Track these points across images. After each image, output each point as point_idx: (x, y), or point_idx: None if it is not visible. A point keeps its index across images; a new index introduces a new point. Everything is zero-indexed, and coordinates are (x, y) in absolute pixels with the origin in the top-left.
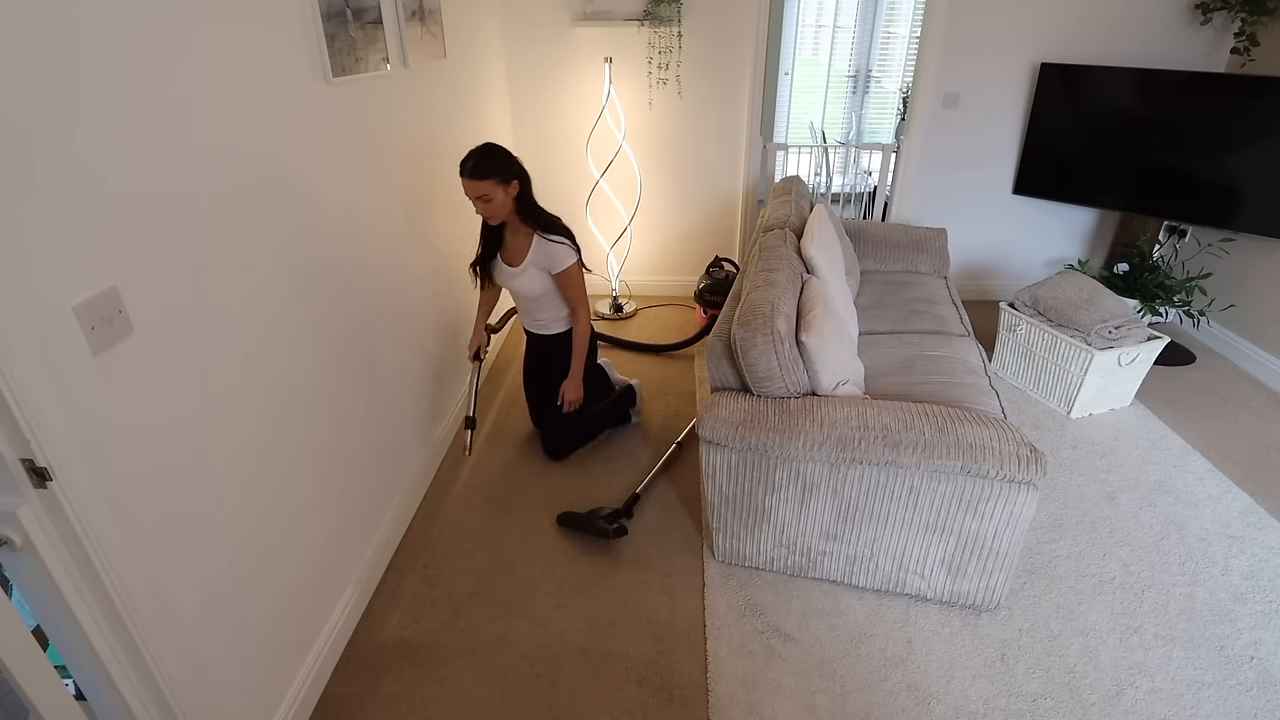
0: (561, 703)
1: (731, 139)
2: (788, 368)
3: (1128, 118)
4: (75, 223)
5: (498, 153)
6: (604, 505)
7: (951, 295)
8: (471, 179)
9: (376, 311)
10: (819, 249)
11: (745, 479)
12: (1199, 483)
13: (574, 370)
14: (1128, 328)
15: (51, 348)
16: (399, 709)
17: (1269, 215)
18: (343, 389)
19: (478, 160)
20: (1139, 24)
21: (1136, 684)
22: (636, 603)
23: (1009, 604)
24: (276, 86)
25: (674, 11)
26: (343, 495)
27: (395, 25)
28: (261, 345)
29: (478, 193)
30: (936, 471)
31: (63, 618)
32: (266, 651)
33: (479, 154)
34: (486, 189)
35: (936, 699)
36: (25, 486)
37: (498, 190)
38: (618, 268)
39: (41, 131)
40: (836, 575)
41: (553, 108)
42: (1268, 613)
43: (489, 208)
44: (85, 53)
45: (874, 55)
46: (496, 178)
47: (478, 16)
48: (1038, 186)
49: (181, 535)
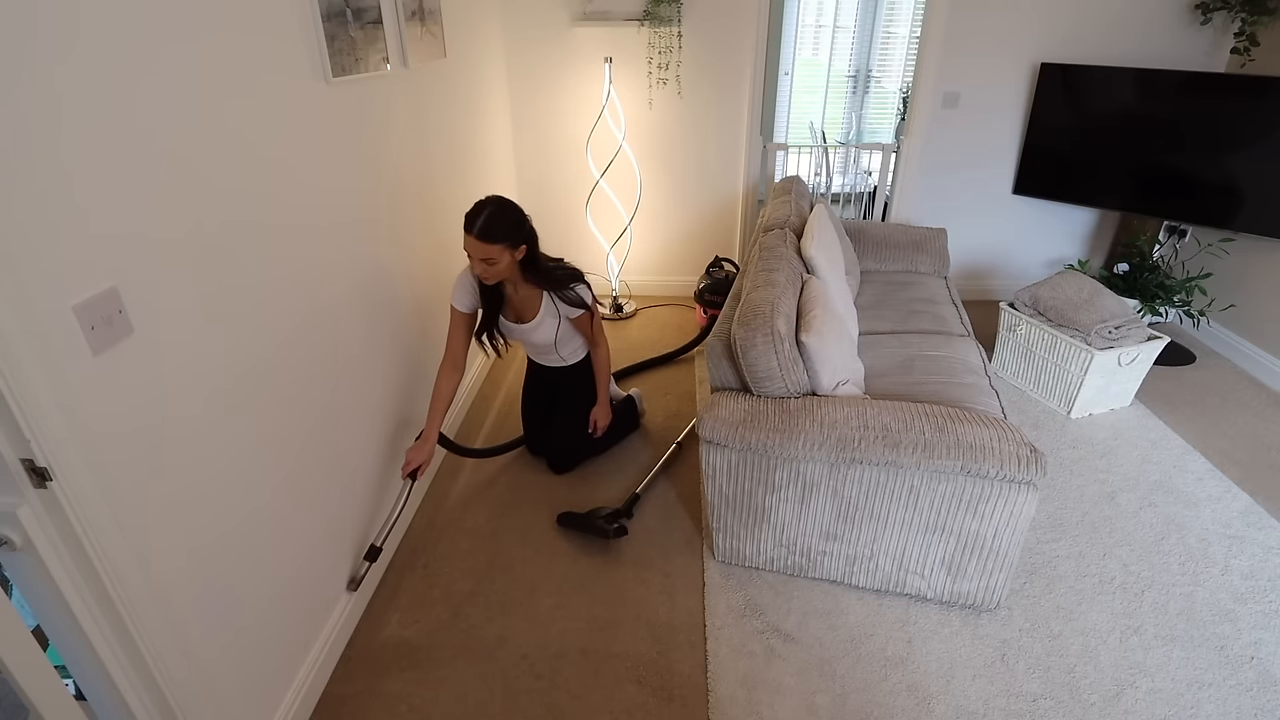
0: (561, 703)
1: (731, 139)
2: (788, 368)
3: (1128, 118)
4: (75, 223)
5: (510, 213)
6: (604, 505)
7: (951, 295)
8: (480, 240)
9: (377, 310)
10: (819, 249)
11: (745, 479)
12: (1199, 483)
13: (602, 398)
14: (1128, 328)
15: (51, 348)
16: (399, 709)
17: (1269, 215)
18: (343, 388)
19: (489, 219)
20: (1139, 24)
21: (1136, 684)
22: (636, 603)
23: (1009, 604)
24: (276, 86)
25: (674, 11)
26: (343, 495)
27: (395, 25)
28: (261, 344)
29: (482, 254)
30: (936, 471)
31: (63, 618)
32: (267, 651)
33: (491, 212)
34: (494, 253)
35: (936, 699)
36: (25, 486)
37: (505, 254)
38: (618, 268)
39: (42, 132)
40: (836, 575)
41: (553, 108)
42: (1268, 613)
43: (490, 270)
44: (86, 53)
45: (874, 55)
46: (506, 242)
47: (478, 16)
48: (1038, 186)
49: (181, 535)
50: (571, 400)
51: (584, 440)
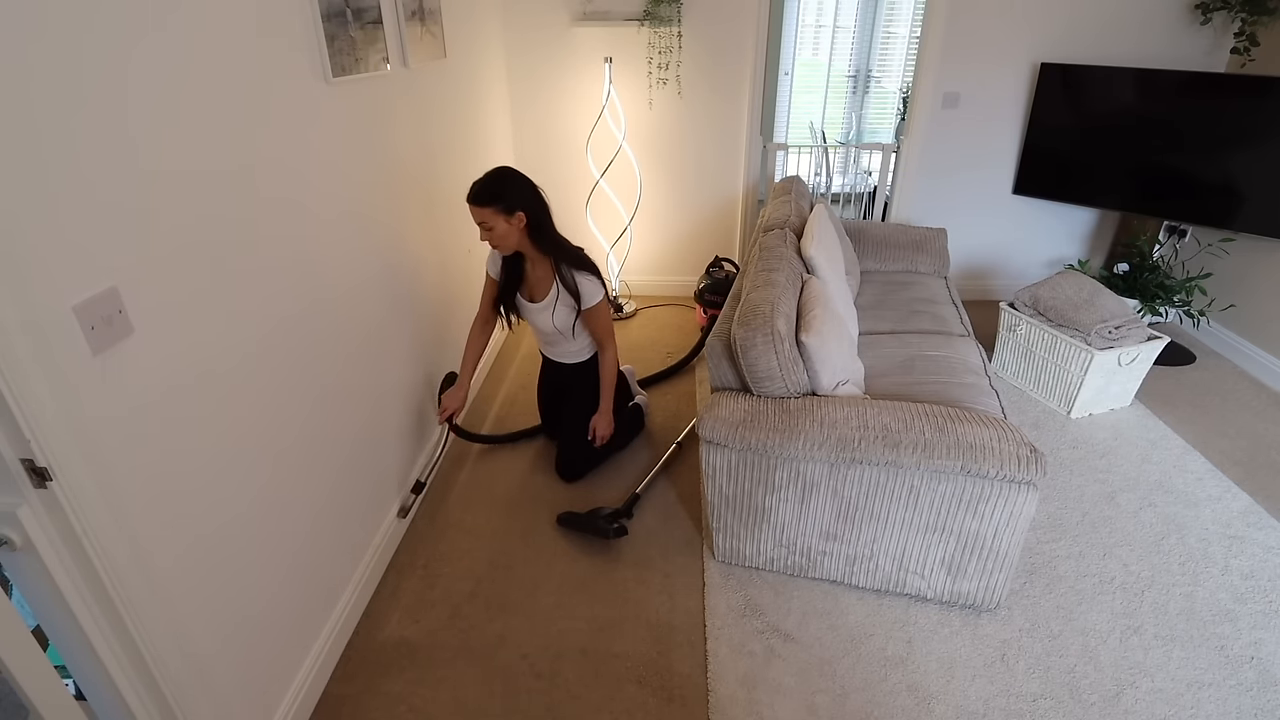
0: (561, 703)
1: (731, 139)
2: (788, 368)
3: (1128, 118)
4: (75, 223)
5: (506, 179)
6: (604, 505)
7: (951, 295)
8: (474, 204)
9: (376, 308)
10: (819, 249)
11: (745, 479)
12: (1199, 483)
13: (604, 406)
14: (1128, 328)
15: (51, 347)
16: (399, 709)
17: (1269, 215)
18: (342, 387)
19: (482, 184)
20: (1139, 24)
21: (1136, 684)
22: (636, 602)
23: (1009, 604)
24: (277, 86)
25: (674, 11)
26: (343, 495)
27: (395, 25)
28: (261, 344)
29: (479, 219)
30: (936, 471)
31: (63, 618)
32: (267, 651)
33: (485, 177)
34: (487, 216)
35: (936, 699)
36: (25, 486)
37: (499, 220)
38: (618, 268)
39: (42, 132)
40: (836, 575)
41: (553, 108)
42: (1268, 613)
43: (491, 236)
44: (86, 53)
45: (874, 55)
46: (498, 205)
47: (478, 16)
48: (1038, 186)
49: (182, 535)
50: (577, 405)
51: (589, 448)
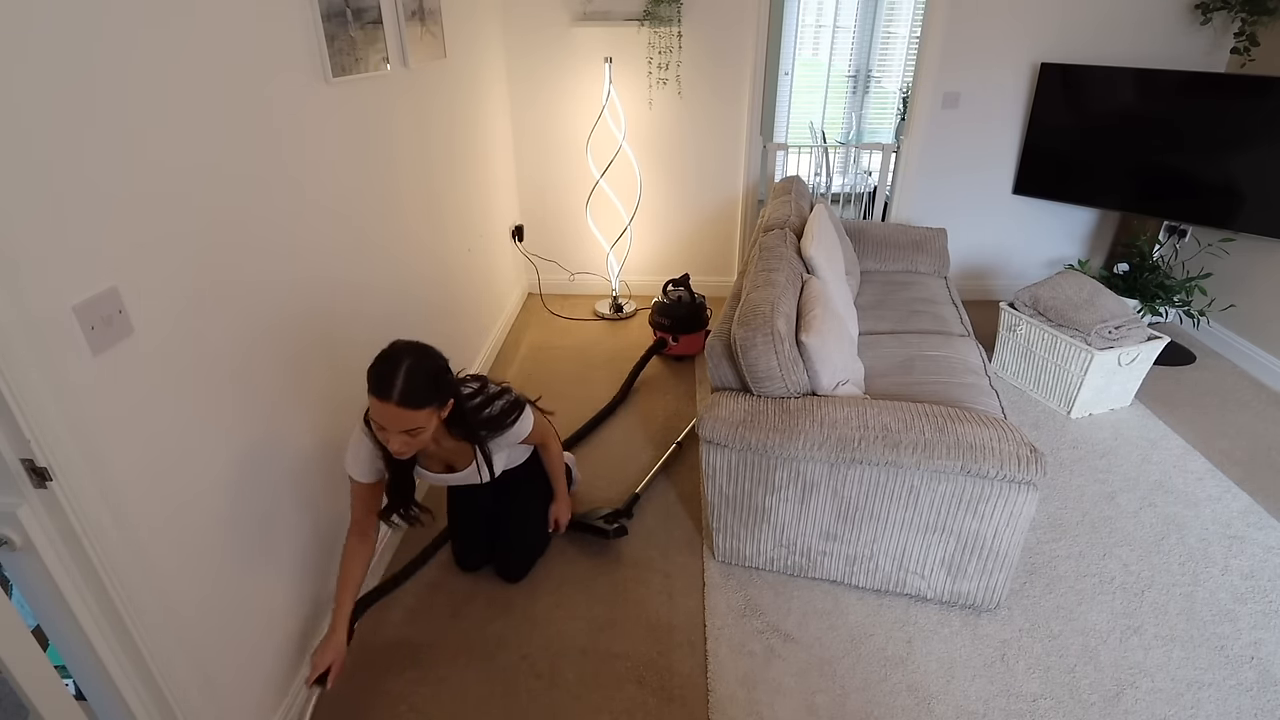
0: (561, 703)
1: (731, 139)
2: (788, 368)
3: (1128, 117)
4: (75, 223)
5: (430, 361)
6: (604, 505)
7: (951, 295)
8: (402, 407)
9: (374, 308)
10: (819, 249)
11: (745, 479)
12: (1199, 483)
13: (559, 492)
14: (1128, 328)
15: (51, 347)
16: (399, 709)
17: (1269, 215)
18: (342, 387)
19: (409, 379)
20: (1139, 24)
21: (1136, 684)
22: (636, 603)
23: (1009, 604)
24: (277, 86)
25: (674, 11)
26: (343, 494)
27: (395, 25)
28: (262, 344)
29: (406, 426)
30: (936, 471)
31: (63, 618)
32: (267, 651)
33: (409, 368)
34: (421, 420)
35: (936, 699)
36: (25, 486)
37: (432, 419)
38: (618, 268)
39: (43, 132)
40: (836, 575)
41: (553, 108)
42: (1268, 613)
43: (414, 442)
44: (86, 53)
45: (874, 55)
46: (434, 404)
47: (478, 16)
48: (1038, 186)
49: (181, 535)
50: (526, 499)
51: (544, 539)
